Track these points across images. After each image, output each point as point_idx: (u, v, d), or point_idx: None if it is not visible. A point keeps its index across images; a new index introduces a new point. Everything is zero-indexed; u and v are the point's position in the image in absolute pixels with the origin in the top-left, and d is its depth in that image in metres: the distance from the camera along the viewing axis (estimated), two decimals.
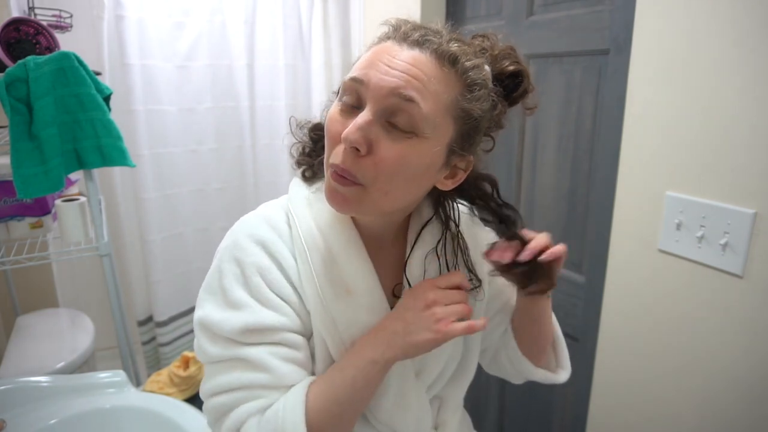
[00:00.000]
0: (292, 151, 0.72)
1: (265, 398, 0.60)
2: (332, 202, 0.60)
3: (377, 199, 0.58)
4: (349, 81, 0.58)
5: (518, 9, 1.38)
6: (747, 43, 0.82)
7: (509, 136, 1.44)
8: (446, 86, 0.56)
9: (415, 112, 0.54)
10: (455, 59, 0.56)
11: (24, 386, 1.12)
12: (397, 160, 0.55)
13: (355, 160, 0.56)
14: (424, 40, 0.56)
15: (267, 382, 0.60)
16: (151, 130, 1.92)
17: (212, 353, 0.61)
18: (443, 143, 0.58)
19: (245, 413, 0.59)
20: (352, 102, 0.58)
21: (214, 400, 0.61)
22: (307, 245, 0.64)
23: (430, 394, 0.73)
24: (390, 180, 0.56)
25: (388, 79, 0.54)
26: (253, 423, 0.58)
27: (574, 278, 1.30)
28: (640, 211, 1.03)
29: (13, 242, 1.56)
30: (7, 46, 1.37)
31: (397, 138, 0.55)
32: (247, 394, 0.60)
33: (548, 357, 0.83)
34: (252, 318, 0.60)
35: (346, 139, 0.55)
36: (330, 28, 2.14)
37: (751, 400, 0.88)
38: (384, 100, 0.55)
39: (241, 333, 0.60)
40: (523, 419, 1.54)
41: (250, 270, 0.61)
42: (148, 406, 1.10)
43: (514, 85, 0.64)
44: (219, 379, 0.61)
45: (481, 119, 0.59)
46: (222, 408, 0.60)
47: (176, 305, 2.11)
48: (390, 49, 0.57)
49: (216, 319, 0.61)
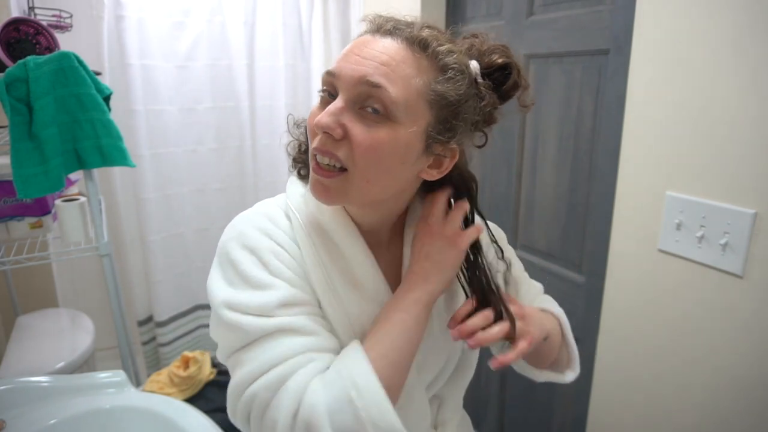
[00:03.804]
0: (289, 149, 0.73)
1: (319, 361, 0.57)
2: (315, 193, 0.60)
3: (360, 187, 0.59)
4: (325, 75, 0.60)
5: (518, 9, 1.38)
6: (747, 42, 0.82)
7: (509, 136, 1.44)
8: (417, 70, 0.57)
9: (384, 97, 0.55)
10: (426, 44, 0.58)
11: (24, 386, 1.12)
12: (372, 144, 0.56)
13: (333, 143, 0.57)
14: (396, 29, 0.58)
15: (318, 344, 0.59)
16: (151, 130, 1.92)
17: (253, 326, 0.57)
18: (419, 128, 0.58)
19: (306, 377, 0.55)
20: (328, 95, 0.60)
21: (260, 382, 0.55)
22: (311, 234, 0.64)
23: (430, 393, 0.73)
24: (369, 166, 0.57)
25: (357, 68, 0.56)
26: (318, 384, 0.55)
27: (574, 278, 1.30)
28: (640, 211, 1.03)
29: (13, 242, 1.56)
30: (7, 46, 1.37)
31: (370, 123, 0.57)
32: (301, 359, 0.56)
33: (559, 358, 0.81)
34: (283, 293, 0.59)
35: (319, 125, 0.56)
36: (330, 28, 2.14)
37: (751, 400, 0.88)
38: (354, 88, 0.57)
39: (277, 307, 0.58)
40: (523, 419, 1.54)
41: (265, 254, 0.61)
42: (148, 406, 1.10)
43: (504, 78, 0.64)
44: (264, 354, 0.56)
45: (459, 104, 0.59)
46: (274, 384, 0.55)
47: (176, 305, 2.11)
48: (363, 41, 0.59)
49: (245, 299, 0.58)
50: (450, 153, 0.63)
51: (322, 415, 0.53)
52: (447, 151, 0.62)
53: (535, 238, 1.43)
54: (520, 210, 1.48)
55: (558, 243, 1.36)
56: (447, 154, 0.63)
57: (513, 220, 1.49)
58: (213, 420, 1.09)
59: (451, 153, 0.63)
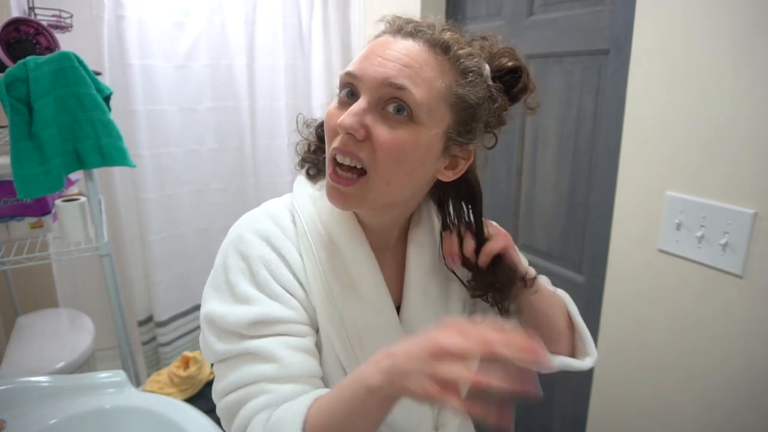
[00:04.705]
0: (298, 148, 0.72)
1: (273, 393, 0.58)
2: (332, 199, 0.60)
3: (380, 189, 0.59)
4: (345, 75, 0.59)
5: (518, 9, 1.38)
6: (747, 42, 0.82)
7: (509, 136, 1.44)
8: (439, 73, 0.57)
9: (408, 99, 0.56)
10: (448, 46, 0.58)
11: (24, 386, 1.11)
12: (395, 145, 0.56)
13: (355, 144, 0.57)
14: (417, 31, 0.58)
15: (274, 372, 0.59)
16: (151, 130, 1.92)
17: (220, 350, 0.60)
18: (440, 129, 0.59)
19: (252, 410, 0.57)
20: (348, 96, 0.59)
21: (225, 400, 0.60)
22: (313, 241, 0.64)
23: None
24: (390, 167, 0.57)
25: (380, 70, 0.56)
26: (260, 422, 0.56)
27: (574, 278, 1.30)
28: (640, 211, 1.03)
29: (13, 242, 1.56)
30: (7, 46, 1.37)
31: (393, 125, 0.57)
32: (254, 389, 0.58)
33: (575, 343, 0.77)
34: (260, 310, 0.59)
35: (342, 125, 0.56)
36: (330, 28, 2.14)
37: (750, 399, 0.88)
38: (377, 90, 0.56)
39: (249, 326, 0.59)
40: (523, 419, 1.54)
41: (256, 263, 0.61)
42: (148, 406, 1.10)
43: (514, 81, 0.65)
44: (229, 377, 0.59)
45: (478, 106, 0.60)
46: (233, 406, 0.59)
47: (176, 305, 2.11)
48: (384, 42, 0.59)
49: (223, 314, 0.60)
50: (466, 155, 0.63)
51: None
52: (464, 152, 0.63)
53: (535, 238, 1.44)
54: (520, 210, 1.48)
55: (558, 243, 1.36)
56: (464, 156, 0.63)
57: (513, 219, 1.49)
58: (213, 420, 1.08)
59: (468, 155, 0.64)
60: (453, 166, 0.64)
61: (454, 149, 0.61)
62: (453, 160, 0.63)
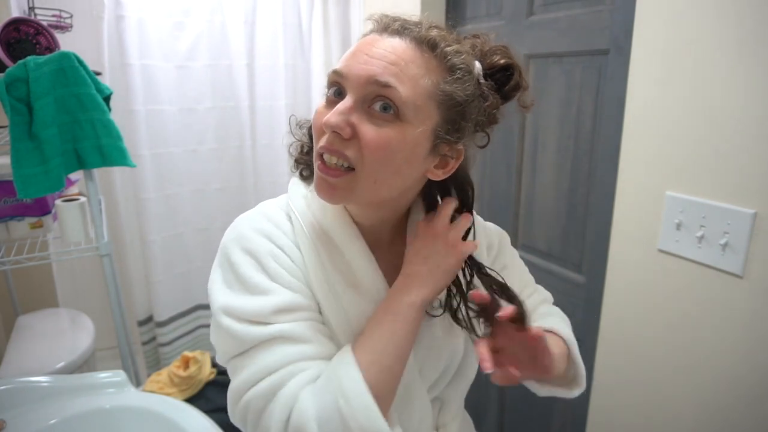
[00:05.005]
0: (291, 150, 0.72)
1: (311, 369, 0.57)
2: (320, 191, 0.60)
3: (367, 187, 0.59)
4: (332, 74, 0.60)
5: (518, 9, 1.38)
6: (747, 42, 0.82)
7: (509, 136, 1.44)
8: (426, 70, 0.57)
9: (394, 97, 0.55)
10: (434, 44, 0.58)
11: (24, 386, 1.11)
12: (381, 143, 0.56)
13: (341, 142, 0.57)
14: (404, 29, 0.58)
15: (312, 352, 0.58)
16: (151, 130, 1.92)
17: (247, 336, 0.58)
18: (427, 127, 0.58)
19: (296, 387, 0.56)
20: (335, 94, 0.59)
21: (254, 390, 0.57)
22: (312, 236, 0.64)
23: (432, 394, 0.73)
24: (377, 165, 0.57)
25: (366, 68, 0.56)
26: (308, 393, 0.55)
27: (574, 278, 1.30)
28: (640, 211, 1.03)
29: (13, 242, 1.56)
30: (7, 46, 1.37)
31: (379, 123, 0.56)
32: (293, 369, 0.57)
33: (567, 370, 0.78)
34: (279, 299, 0.59)
35: (327, 124, 0.56)
36: (330, 28, 2.14)
37: (751, 400, 0.88)
38: (363, 88, 0.56)
39: (272, 314, 0.58)
40: (523, 419, 1.54)
41: (264, 257, 0.61)
42: (148, 406, 1.10)
43: (506, 79, 0.64)
44: (257, 364, 0.57)
45: (467, 104, 0.60)
46: (267, 394, 0.56)
47: (176, 305, 2.11)
48: (371, 40, 0.59)
49: (241, 305, 0.59)
50: (456, 153, 0.63)
51: (312, 423, 0.54)
52: (453, 151, 0.63)
53: (535, 238, 1.44)
54: (520, 210, 1.48)
55: (558, 243, 1.36)
56: (453, 155, 0.63)
57: (513, 219, 1.49)
58: (213, 420, 1.09)
59: (457, 153, 0.63)
60: (443, 165, 0.63)
61: (443, 148, 0.61)
62: (443, 159, 0.63)
